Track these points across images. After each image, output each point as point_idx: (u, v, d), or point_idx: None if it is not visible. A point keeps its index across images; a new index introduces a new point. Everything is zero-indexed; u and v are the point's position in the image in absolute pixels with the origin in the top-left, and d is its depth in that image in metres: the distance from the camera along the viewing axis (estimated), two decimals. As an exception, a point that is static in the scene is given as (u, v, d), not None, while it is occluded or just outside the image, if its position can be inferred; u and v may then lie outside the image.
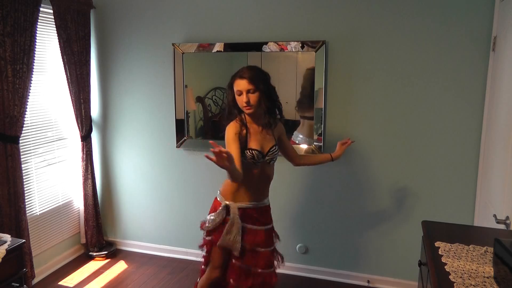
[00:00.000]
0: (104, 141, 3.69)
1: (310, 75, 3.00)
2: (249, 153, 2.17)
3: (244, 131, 2.19)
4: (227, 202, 2.26)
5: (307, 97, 3.04)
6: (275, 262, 2.44)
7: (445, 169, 2.86)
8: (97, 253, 3.58)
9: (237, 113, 2.22)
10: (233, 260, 2.31)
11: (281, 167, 3.21)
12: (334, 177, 3.11)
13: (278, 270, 2.37)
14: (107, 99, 3.61)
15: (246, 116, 2.22)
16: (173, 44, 3.25)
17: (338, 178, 3.10)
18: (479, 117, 2.71)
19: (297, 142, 3.12)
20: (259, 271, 2.29)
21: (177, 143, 3.41)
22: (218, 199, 2.32)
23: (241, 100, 2.13)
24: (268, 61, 3.08)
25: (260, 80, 2.14)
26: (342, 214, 3.15)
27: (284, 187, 3.23)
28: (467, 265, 1.43)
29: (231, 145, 2.12)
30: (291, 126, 3.14)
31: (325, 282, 3.22)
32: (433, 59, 2.76)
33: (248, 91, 2.11)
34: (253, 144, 2.19)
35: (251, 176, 2.23)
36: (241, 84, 2.11)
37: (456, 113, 2.78)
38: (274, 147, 2.28)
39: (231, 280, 2.31)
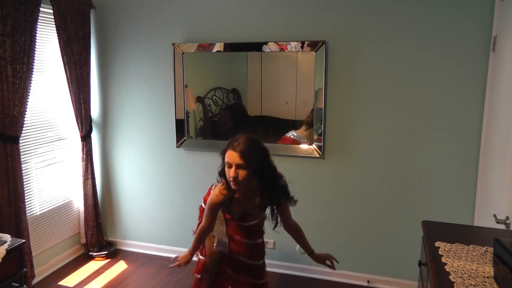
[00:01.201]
0: (104, 141, 3.69)
1: (310, 75, 3.00)
2: (227, 210, 2.15)
3: (227, 199, 2.07)
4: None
5: (307, 97, 3.04)
6: None
7: (445, 169, 2.86)
8: (97, 253, 3.58)
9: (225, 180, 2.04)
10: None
11: (281, 167, 3.21)
12: (334, 177, 3.11)
13: (278, 270, 2.38)
14: (107, 99, 3.61)
15: None
16: (173, 44, 3.25)
17: (338, 178, 3.10)
18: (479, 117, 2.71)
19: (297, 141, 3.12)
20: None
21: (177, 143, 3.41)
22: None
23: (229, 174, 1.93)
24: (268, 61, 3.09)
25: (254, 156, 1.92)
26: (342, 214, 3.15)
27: (284, 187, 3.22)
28: (467, 265, 1.43)
29: (206, 214, 2.12)
30: (291, 126, 3.14)
31: (325, 282, 3.22)
32: (433, 59, 2.76)
33: (237, 166, 1.90)
34: (235, 209, 2.13)
35: (230, 235, 2.23)
36: (232, 157, 1.91)
37: (456, 113, 2.78)
38: (255, 221, 2.21)
39: None
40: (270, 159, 2.03)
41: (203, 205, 2.35)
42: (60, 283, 3.21)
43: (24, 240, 2.41)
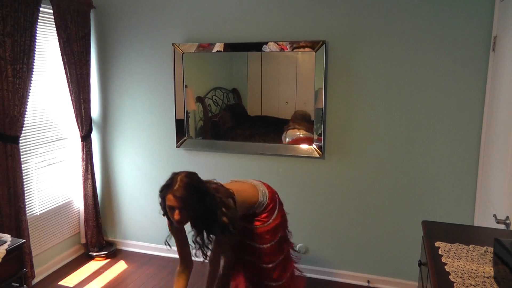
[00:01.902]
0: (104, 141, 3.69)
1: (310, 75, 3.00)
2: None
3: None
4: None
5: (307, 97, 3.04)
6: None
7: (445, 169, 2.86)
8: (97, 253, 3.58)
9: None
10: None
11: (281, 167, 3.22)
12: (334, 177, 3.11)
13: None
14: (107, 99, 3.61)
15: None
16: (173, 44, 3.25)
17: (338, 178, 3.10)
18: (479, 117, 2.71)
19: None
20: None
21: (177, 143, 3.41)
22: None
23: (172, 216, 2.02)
24: (268, 61, 3.09)
25: (191, 199, 1.97)
26: (342, 214, 3.15)
27: (284, 187, 3.23)
28: (467, 265, 1.43)
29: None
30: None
31: (325, 282, 3.22)
32: (433, 59, 2.76)
33: (179, 209, 1.97)
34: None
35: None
36: (171, 201, 1.98)
37: (456, 113, 2.78)
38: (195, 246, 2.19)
39: None
40: (210, 196, 2.03)
41: None
42: (60, 283, 3.21)
43: (24, 240, 2.41)
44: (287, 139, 3.15)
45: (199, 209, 2.00)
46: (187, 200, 1.96)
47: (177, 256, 3.58)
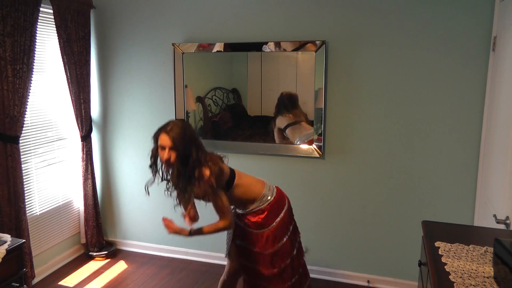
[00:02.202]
0: (104, 141, 3.69)
1: (310, 75, 3.00)
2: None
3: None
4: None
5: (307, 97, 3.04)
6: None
7: (445, 169, 2.86)
8: (97, 253, 3.58)
9: (156, 167, 2.26)
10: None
11: (281, 167, 3.22)
12: (334, 177, 3.11)
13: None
14: (107, 99, 3.61)
15: None
16: (173, 44, 3.25)
17: (338, 178, 3.10)
18: (479, 117, 2.71)
19: (297, 143, 3.12)
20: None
21: (177, 143, 3.41)
22: None
23: (162, 155, 2.11)
24: (268, 61, 3.09)
25: (183, 142, 2.07)
26: (342, 214, 3.15)
27: (284, 187, 3.22)
28: (467, 265, 1.43)
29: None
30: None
31: (325, 282, 3.22)
32: (433, 59, 2.76)
33: (170, 148, 2.07)
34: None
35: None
36: (164, 140, 2.07)
37: (456, 113, 2.78)
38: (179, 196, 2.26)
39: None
40: (198, 146, 2.13)
41: None
42: (60, 283, 3.21)
43: (24, 240, 2.41)
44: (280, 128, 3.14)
45: (187, 153, 2.08)
46: (179, 140, 2.06)
47: (177, 256, 3.61)
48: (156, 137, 2.14)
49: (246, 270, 2.41)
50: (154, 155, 2.21)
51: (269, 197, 2.33)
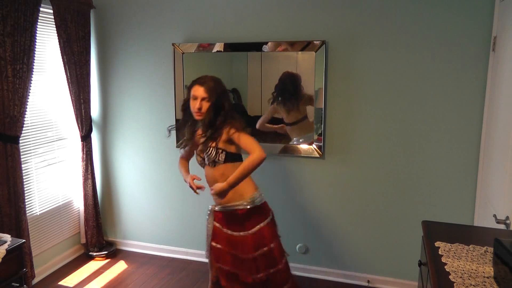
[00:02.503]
0: (104, 141, 3.69)
1: (310, 75, 3.00)
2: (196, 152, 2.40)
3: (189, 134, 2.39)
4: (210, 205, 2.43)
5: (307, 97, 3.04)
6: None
7: (445, 169, 2.86)
8: (97, 253, 3.58)
9: (186, 117, 2.35)
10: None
11: (281, 167, 3.22)
12: (334, 177, 3.11)
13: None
14: (107, 99, 3.61)
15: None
16: (173, 44, 3.25)
17: (338, 178, 3.10)
18: (479, 117, 2.71)
19: (295, 143, 3.12)
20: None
21: (177, 143, 3.41)
22: None
23: (194, 105, 2.23)
24: (268, 61, 3.08)
25: (216, 93, 2.22)
26: (342, 214, 3.15)
27: (284, 187, 3.23)
28: (467, 265, 1.43)
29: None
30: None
31: (325, 282, 3.22)
32: (433, 59, 2.76)
33: (202, 99, 2.20)
34: (197, 148, 2.39)
35: (206, 176, 2.38)
36: (198, 90, 2.21)
37: (456, 113, 2.78)
38: (208, 150, 2.26)
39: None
40: (229, 101, 2.31)
41: None
42: (60, 283, 3.21)
43: (24, 240, 2.41)
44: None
45: (218, 104, 2.21)
46: (212, 91, 2.20)
47: (177, 256, 3.61)
48: (189, 88, 2.27)
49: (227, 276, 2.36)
50: (185, 105, 2.33)
51: (256, 200, 2.30)
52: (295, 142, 3.12)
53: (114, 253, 3.67)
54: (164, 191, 3.58)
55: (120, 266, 3.49)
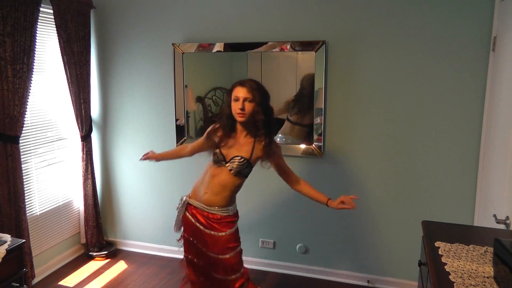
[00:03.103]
0: (104, 141, 3.69)
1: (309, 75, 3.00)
2: (215, 151, 2.26)
3: (222, 134, 2.25)
4: (185, 195, 2.38)
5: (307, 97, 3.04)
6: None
7: (445, 169, 2.86)
8: (97, 253, 3.58)
9: (225, 119, 2.24)
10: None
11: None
12: (334, 177, 3.11)
13: (278, 270, 2.37)
14: (107, 99, 3.61)
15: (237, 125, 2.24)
16: (173, 44, 3.25)
17: (338, 178, 3.10)
18: (479, 117, 2.72)
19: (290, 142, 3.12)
20: (213, 274, 2.31)
21: (177, 143, 3.41)
22: None
23: (236, 106, 2.14)
24: (268, 61, 3.08)
25: (260, 93, 2.15)
26: (342, 214, 3.15)
27: (284, 187, 3.22)
28: (467, 265, 1.43)
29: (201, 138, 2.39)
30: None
31: (325, 282, 3.22)
32: (433, 59, 2.76)
33: (245, 99, 2.12)
34: (223, 148, 2.24)
35: (208, 176, 2.28)
36: (241, 91, 2.14)
37: (456, 113, 2.78)
38: (240, 158, 2.18)
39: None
40: (269, 101, 2.24)
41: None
42: (60, 283, 3.21)
43: (24, 240, 2.41)
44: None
45: (260, 108, 2.14)
46: (255, 92, 2.13)
47: (177, 256, 3.61)
48: (230, 91, 2.21)
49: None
50: (225, 110, 2.24)
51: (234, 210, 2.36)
52: (289, 141, 3.12)
53: (114, 253, 3.67)
54: (164, 191, 3.58)
55: (120, 266, 3.49)
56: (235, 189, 2.27)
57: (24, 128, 2.86)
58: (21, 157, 2.90)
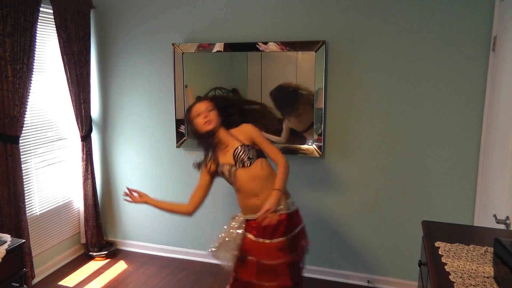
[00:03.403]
0: (104, 141, 3.69)
1: (310, 75, 3.00)
2: (220, 171, 2.22)
3: (212, 159, 2.26)
4: (236, 215, 2.29)
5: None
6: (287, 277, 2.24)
7: (445, 169, 2.86)
8: (97, 253, 3.58)
9: (201, 140, 2.27)
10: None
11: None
12: (334, 177, 3.11)
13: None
14: (107, 99, 3.61)
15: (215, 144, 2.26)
16: (173, 44, 3.25)
17: (338, 178, 3.10)
18: (479, 117, 2.71)
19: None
20: (266, 285, 2.19)
21: (177, 143, 3.41)
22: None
23: (201, 120, 2.19)
24: (268, 61, 3.08)
25: (215, 102, 2.26)
26: (341, 214, 3.15)
27: (284, 187, 3.22)
28: (467, 265, 1.43)
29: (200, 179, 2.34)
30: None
31: (325, 282, 3.22)
32: (433, 59, 2.76)
33: (206, 110, 2.20)
34: (221, 159, 2.23)
35: (240, 187, 2.22)
36: (201, 106, 2.21)
37: (456, 113, 2.78)
38: (235, 150, 2.19)
39: None
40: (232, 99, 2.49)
41: None
42: (60, 283, 3.21)
43: (24, 240, 2.41)
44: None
45: (226, 104, 2.30)
46: (211, 101, 2.24)
47: (177, 256, 3.61)
48: (188, 115, 2.26)
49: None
50: (195, 132, 2.26)
51: (292, 206, 2.32)
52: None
53: (114, 253, 3.67)
54: (164, 191, 3.58)
55: (120, 266, 3.49)
56: (270, 171, 2.23)
57: (24, 128, 2.86)
58: (21, 157, 2.90)
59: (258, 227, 2.17)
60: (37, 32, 2.85)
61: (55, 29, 3.08)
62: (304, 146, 3.11)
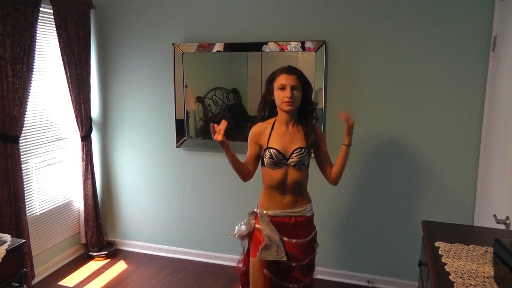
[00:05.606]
0: (104, 141, 3.69)
1: (310, 75, 2.99)
2: (267, 152, 2.06)
3: (268, 130, 2.11)
4: (256, 210, 2.17)
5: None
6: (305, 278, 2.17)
7: (445, 169, 2.86)
8: (97, 253, 3.58)
9: (266, 112, 2.16)
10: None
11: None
12: (334, 177, 3.11)
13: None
14: (107, 99, 3.61)
15: (278, 116, 2.13)
16: (173, 44, 3.25)
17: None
18: (479, 117, 2.72)
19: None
20: (290, 286, 2.12)
21: (177, 143, 3.41)
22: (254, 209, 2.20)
23: (283, 95, 2.01)
24: (268, 61, 3.08)
25: (305, 81, 2.08)
26: (341, 214, 3.15)
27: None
28: (467, 265, 1.43)
29: (248, 147, 2.16)
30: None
31: (325, 282, 3.22)
32: (433, 59, 2.76)
33: (292, 87, 2.01)
34: (273, 143, 2.07)
35: (274, 181, 2.10)
36: (288, 79, 2.01)
37: (456, 113, 2.78)
38: (300, 149, 2.06)
39: None
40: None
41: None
42: (60, 283, 3.21)
43: (24, 240, 2.41)
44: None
45: (306, 92, 2.08)
46: (302, 79, 2.05)
47: (177, 256, 3.61)
48: (273, 77, 2.06)
49: None
50: (264, 102, 2.14)
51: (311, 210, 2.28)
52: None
53: (114, 253, 3.67)
54: (164, 191, 3.58)
55: (120, 266, 3.49)
56: (306, 181, 2.17)
57: (24, 128, 2.86)
58: (21, 157, 2.90)
59: (280, 224, 2.11)
60: (37, 32, 2.85)
61: (55, 29, 3.08)
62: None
